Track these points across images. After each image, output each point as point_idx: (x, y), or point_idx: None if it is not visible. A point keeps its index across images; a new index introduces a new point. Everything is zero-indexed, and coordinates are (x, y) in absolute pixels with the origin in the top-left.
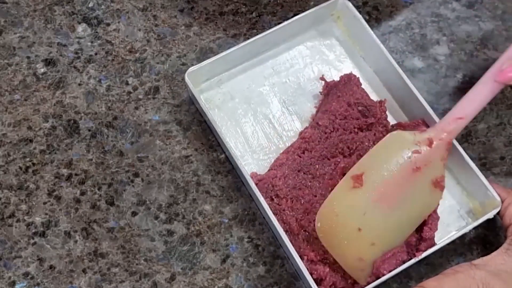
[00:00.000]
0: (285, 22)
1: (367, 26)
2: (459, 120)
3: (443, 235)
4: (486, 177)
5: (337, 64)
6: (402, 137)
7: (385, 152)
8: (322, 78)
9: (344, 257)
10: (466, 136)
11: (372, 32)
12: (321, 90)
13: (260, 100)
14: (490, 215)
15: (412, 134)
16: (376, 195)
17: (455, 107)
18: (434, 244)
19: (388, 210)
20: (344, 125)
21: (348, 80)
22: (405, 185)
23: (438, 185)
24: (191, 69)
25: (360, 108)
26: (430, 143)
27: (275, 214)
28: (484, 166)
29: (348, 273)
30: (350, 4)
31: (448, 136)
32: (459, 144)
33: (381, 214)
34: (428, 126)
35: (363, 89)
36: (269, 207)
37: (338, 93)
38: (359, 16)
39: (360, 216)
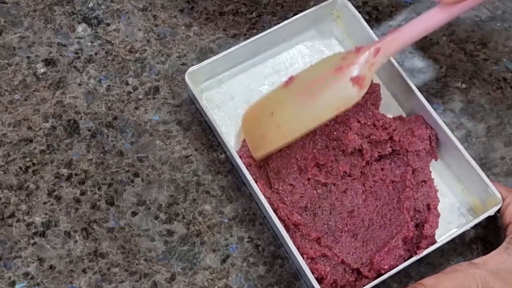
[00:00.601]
0: (285, 22)
1: (366, 25)
2: (392, 32)
3: (444, 233)
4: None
5: None
6: (336, 52)
7: (319, 62)
8: None
9: (250, 131)
10: (466, 136)
11: (371, 31)
12: None
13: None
14: (491, 212)
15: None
16: (296, 92)
17: None
18: (434, 242)
19: (303, 101)
20: None
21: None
22: (324, 81)
23: (357, 82)
24: (191, 69)
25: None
26: (358, 50)
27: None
28: (484, 166)
29: (248, 146)
30: (349, 4)
31: (377, 44)
32: (460, 143)
33: (295, 103)
34: (427, 123)
35: None
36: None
37: None
38: (359, 15)
39: (277, 104)
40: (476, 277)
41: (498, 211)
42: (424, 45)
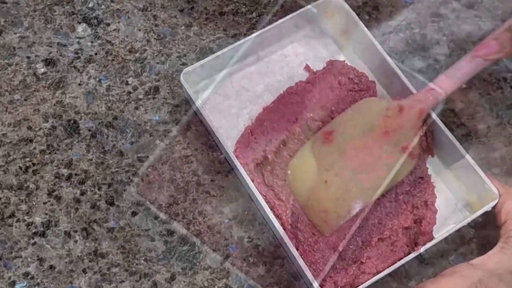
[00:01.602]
0: (279, 21)
1: (360, 22)
2: (431, 90)
3: (441, 229)
4: None
5: None
6: (374, 102)
7: (357, 114)
8: (307, 68)
9: (311, 207)
10: (466, 136)
11: (366, 29)
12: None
13: (255, 99)
14: (488, 207)
15: (385, 101)
16: (344, 153)
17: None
18: (432, 238)
19: (355, 168)
20: (331, 90)
21: (335, 62)
22: (374, 147)
23: (408, 151)
24: (186, 70)
25: (350, 76)
26: (400, 109)
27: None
28: (484, 166)
29: (312, 222)
30: (343, 2)
31: (419, 104)
32: (456, 140)
33: (348, 171)
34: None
35: (352, 66)
36: (265, 200)
37: (326, 70)
38: (353, 13)
39: (327, 169)
40: (475, 278)
41: (494, 207)
42: (424, 45)
